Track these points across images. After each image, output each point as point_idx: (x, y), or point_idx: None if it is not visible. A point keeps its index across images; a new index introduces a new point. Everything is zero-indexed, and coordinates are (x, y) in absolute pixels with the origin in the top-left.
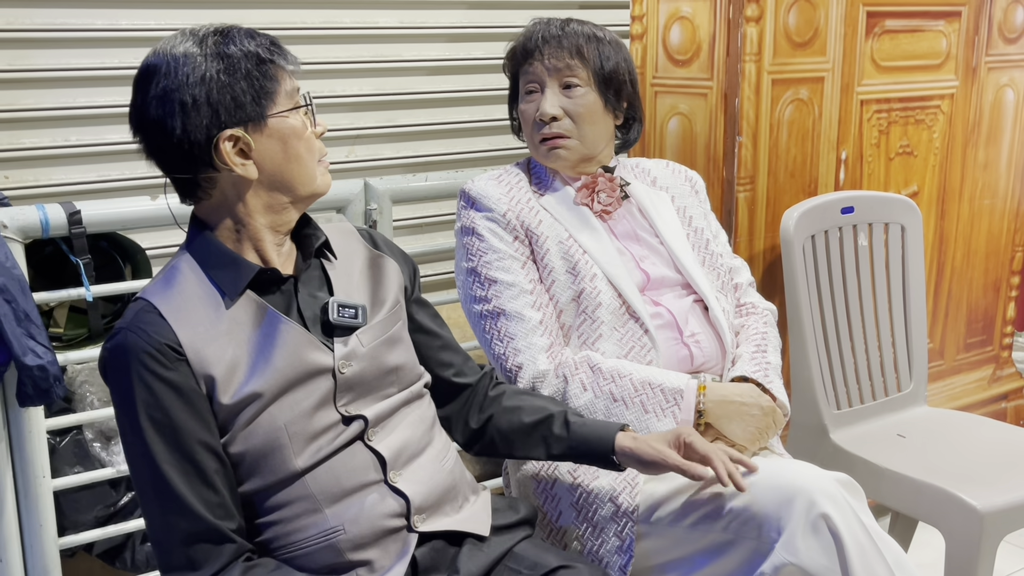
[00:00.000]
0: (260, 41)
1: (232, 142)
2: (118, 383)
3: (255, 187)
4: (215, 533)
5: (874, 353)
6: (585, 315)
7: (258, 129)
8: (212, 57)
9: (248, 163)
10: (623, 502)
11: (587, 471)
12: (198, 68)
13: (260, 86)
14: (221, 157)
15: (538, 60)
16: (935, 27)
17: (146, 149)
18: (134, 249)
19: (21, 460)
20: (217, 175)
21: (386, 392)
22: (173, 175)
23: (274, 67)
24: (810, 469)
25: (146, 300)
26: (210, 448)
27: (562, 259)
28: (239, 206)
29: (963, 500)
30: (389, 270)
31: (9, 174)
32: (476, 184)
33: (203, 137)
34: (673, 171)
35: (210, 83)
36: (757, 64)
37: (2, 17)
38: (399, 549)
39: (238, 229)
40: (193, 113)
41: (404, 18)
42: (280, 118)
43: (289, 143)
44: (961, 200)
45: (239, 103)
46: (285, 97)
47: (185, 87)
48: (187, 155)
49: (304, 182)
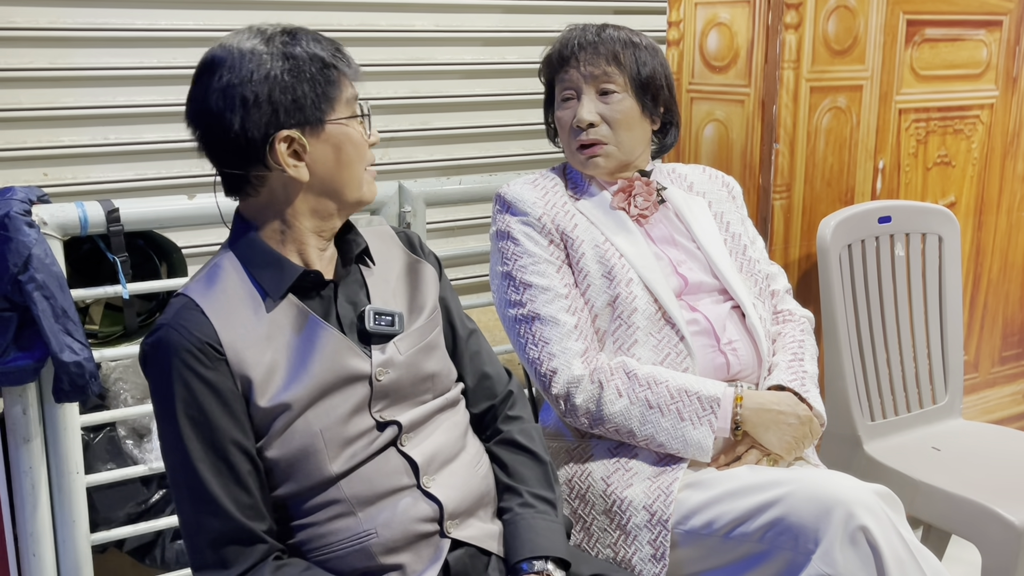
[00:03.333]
0: (326, 45)
1: (287, 143)
2: (157, 379)
3: (304, 190)
4: (246, 533)
5: (909, 364)
6: (621, 320)
7: (315, 133)
8: (278, 56)
9: (301, 165)
10: (657, 510)
11: (620, 478)
12: (263, 65)
13: (322, 91)
14: (275, 156)
15: (574, 67)
16: (976, 36)
17: (200, 141)
18: (170, 248)
19: (56, 456)
20: (268, 174)
21: (421, 399)
22: (224, 170)
23: (337, 73)
24: (849, 480)
25: (189, 297)
26: (244, 449)
27: (598, 263)
28: (287, 207)
29: (1001, 516)
30: (427, 276)
31: (49, 171)
32: (512, 188)
33: (260, 135)
34: (710, 176)
35: (273, 82)
36: (795, 71)
37: (44, 16)
38: (431, 554)
39: (283, 230)
40: (254, 110)
41: (440, 21)
42: (338, 124)
43: (343, 149)
44: (999, 212)
45: (299, 105)
46: (345, 104)
47: (248, 83)
48: (241, 151)
49: (352, 188)
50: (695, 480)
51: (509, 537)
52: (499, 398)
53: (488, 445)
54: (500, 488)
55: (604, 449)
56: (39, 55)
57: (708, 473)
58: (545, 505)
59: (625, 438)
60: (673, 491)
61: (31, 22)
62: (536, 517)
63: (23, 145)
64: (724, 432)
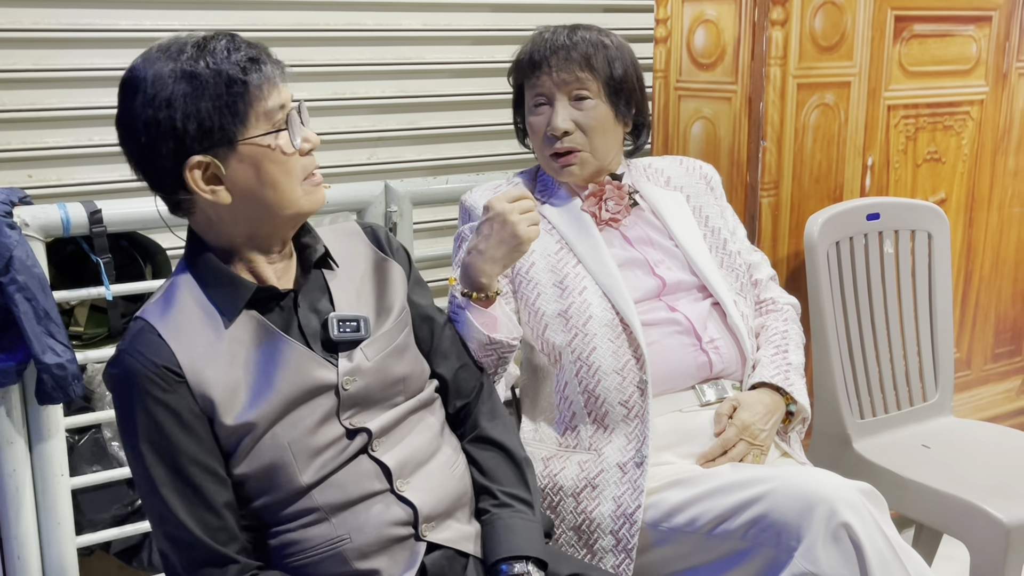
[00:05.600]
0: (239, 56)
1: (201, 169)
2: (119, 406)
3: (232, 211)
4: (216, 556)
5: (899, 362)
6: (576, 329)
7: (229, 154)
8: (180, 78)
9: (220, 188)
10: (623, 537)
11: (589, 495)
12: (164, 90)
13: (229, 110)
14: (189, 183)
15: (546, 73)
16: (965, 32)
17: (128, 163)
18: (154, 249)
19: (39, 458)
20: (192, 197)
21: (393, 402)
22: (154, 191)
23: (247, 88)
24: (832, 477)
25: (145, 320)
26: (210, 471)
27: (550, 272)
28: (221, 227)
29: (989, 513)
30: (395, 275)
31: (33, 173)
32: (472, 194)
33: (170, 163)
34: (687, 169)
35: (175, 108)
36: (782, 68)
37: (28, 17)
38: (407, 558)
39: (228, 250)
40: (159, 140)
41: (427, 20)
42: (251, 144)
43: (263, 168)
44: (990, 208)
45: (205, 129)
46: (262, 118)
47: (151, 110)
48: (160, 177)
49: (283, 205)
50: (679, 478)
51: (486, 538)
52: (474, 393)
53: (464, 444)
54: (476, 488)
55: (574, 462)
56: (23, 56)
57: (692, 471)
58: (522, 504)
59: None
60: (637, 519)
61: (14, 23)
62: (513, 517)
63: (7, 147)
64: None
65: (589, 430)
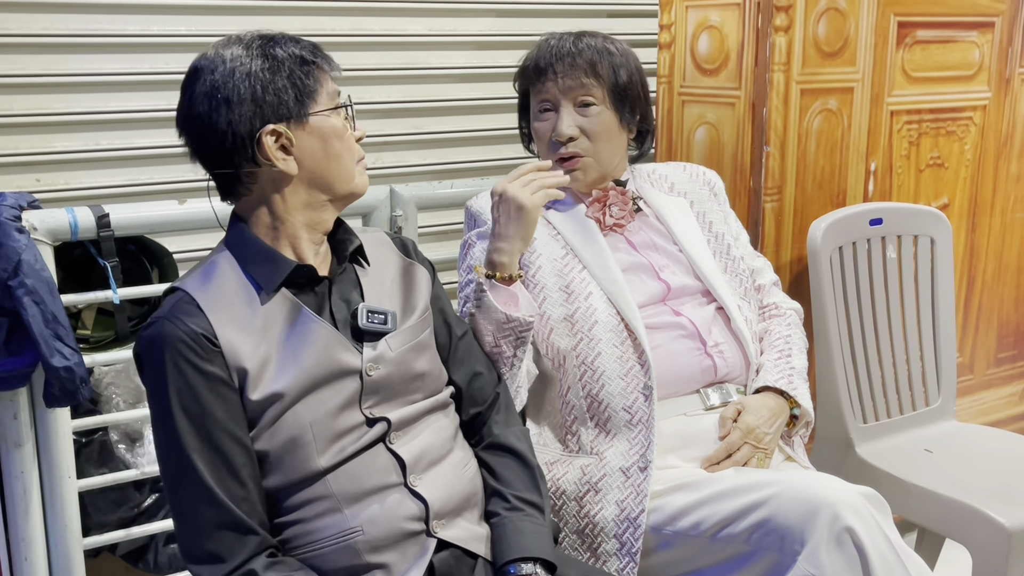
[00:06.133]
0: (303, 45)
1: (274, 137)
2: (152, 370)
3: (295, 183)
4: (239, 523)
5: (902, 367)
6: (582, 334)
7: (300, 126)
8: (257, 56)
9: (289, 159)
10: (626, 541)
11: (593, 499)
12: (243, 66)
13: (303, 85)
14: (263, 152)
15: (551, 79)
16: (968, 38)
17: (190, 147)
18: (161, 253)
19: (47, 460)
20: (258, 170)
21: (411, 398)
22: (215, 171)
23: (316, 68)
24: (835, 482)
25: (184, 291)
26: (239, 441)
27: (556, 277)
28: (278, 202)
29: (991, 517)
30: (420, 277)
31: (41, 177)
32: (477, 200)
33: (246, 131)
34: (691, 175)
35: (255, 80)
36: (786, 74)
37: (37, 22)
38: (417, 553)
39: (276, 226)
40: (238, 108)
41: (432, 25)
42: (321, 117)
43: (329, 141)
44: (993, 213)
45: (282, 100)
46: (326, 97)
47: (231, 83)
48: (230, 150)
49: (343, 180)
50: (683, 482)
51: (496, 539)
52: (488, 402)
53: (477, 450)
54: (487, 491)
55: (577, 466)
56: (32, 61)
57: (696, 475)
58: (532, 508)
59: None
60: (641, 523)
61: (24, 28)
62: (523, 520)
63: (16, 151)
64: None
65: (591, 434)
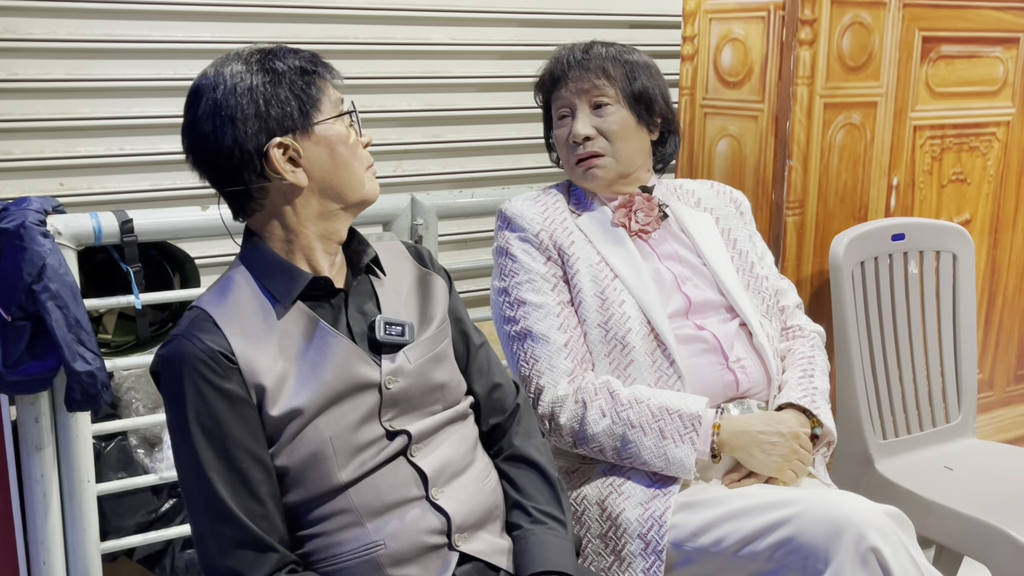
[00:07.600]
0: (303, 55)
1: (282, 150)
2: (171, 389)
3: (306, 194)
4: (258, 542)
5: (922, 383)
6: (616, 341)
7: (305, 136)
8: (258, 71)
9: (298, 170)
10: (651, 540)
11: (614, 502)
12: (244, 82)
13: (305, 95)
14: (272, 166)
15: (565, 86)
16: (992, 53)
17: (199, 166)
18: (183, 258)
19: (67, 464)
20: (268, 185)
21: (431, 409)
22: (226, 189)
23: (317, 77)
24: (860, 501)
25: (201, 308)
26: (258, 459)
27: (591, 282)
28: (290, 215)
29: (1013, 537)
30: (437, 288)
31: (65, 181)
32: (512, 204)
33: (253, 147)
34: (718, 192)
35: (257, 95)
36: (809, 87)
37: (62, 27)
38: (439, 567)
39: (290, 239)
40: (243, 124)
41: (455, 35)
42: (326, 125)
43: (336, 149)
44: (1015, 229)
45: (286, 112)
46: (330, 105)
47: (233, 100)
48: (238, 167)
49: (353, 188)
50: (705, 498)
51: (519, 552)
52: (507, 413)
53: (497, 461)
54: (509, 504)
55: (599, 471)
56: (57, 66)
57: (718, 491)
58: (554, 522)
59: (610, 458)
60: (666, 521)
61: (49, 33)
62: (546, 533)
63: (40, 155)
64: (704, 455)
65: None
